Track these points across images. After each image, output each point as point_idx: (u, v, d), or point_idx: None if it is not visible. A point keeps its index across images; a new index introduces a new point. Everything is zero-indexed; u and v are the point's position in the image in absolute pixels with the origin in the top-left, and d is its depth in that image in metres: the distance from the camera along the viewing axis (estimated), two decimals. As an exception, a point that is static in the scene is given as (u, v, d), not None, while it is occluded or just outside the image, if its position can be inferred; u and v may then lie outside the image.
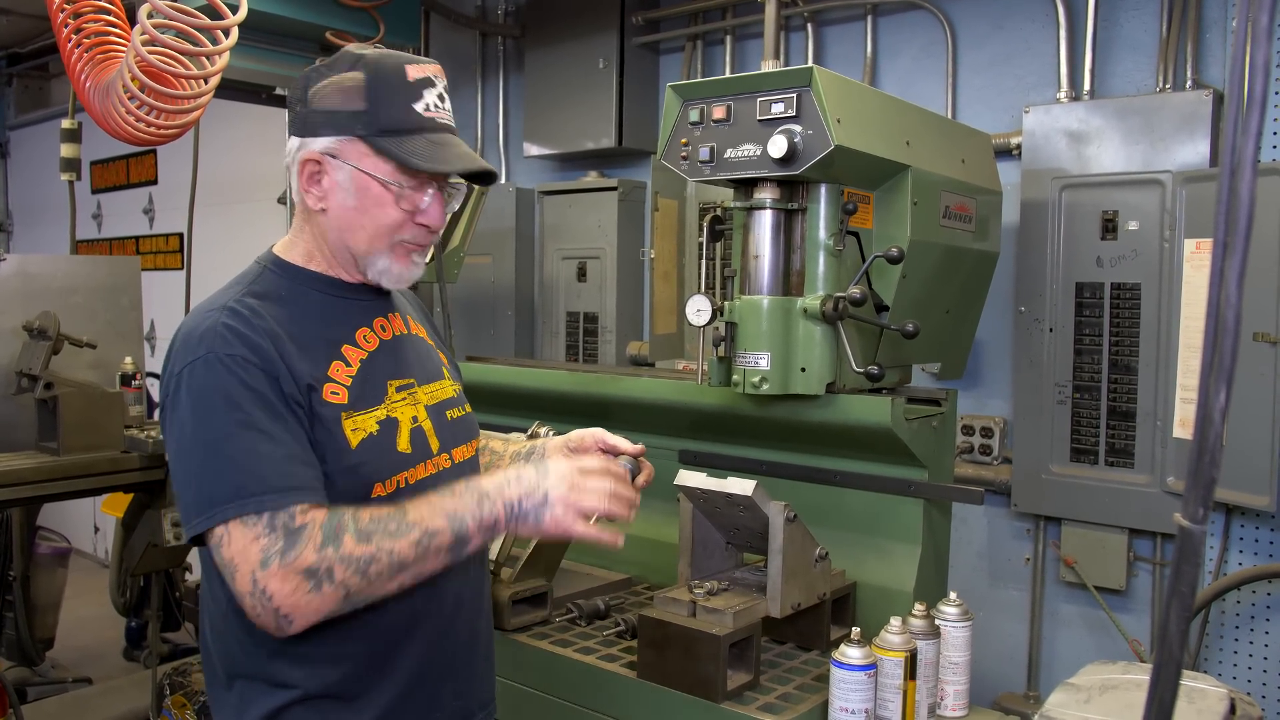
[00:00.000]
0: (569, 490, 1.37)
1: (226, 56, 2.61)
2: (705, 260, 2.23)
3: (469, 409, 1.65)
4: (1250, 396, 2.29)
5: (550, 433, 2.13)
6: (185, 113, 2.67)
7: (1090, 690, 1.60)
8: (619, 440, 1.67)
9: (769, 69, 2.21)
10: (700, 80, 2.12)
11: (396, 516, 1.31)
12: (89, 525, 6.77)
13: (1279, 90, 2.21)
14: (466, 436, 1.60)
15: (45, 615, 4.51)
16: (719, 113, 1.97)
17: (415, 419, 1.49)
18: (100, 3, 2.80)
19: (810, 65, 1.92)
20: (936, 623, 1.78)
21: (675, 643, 1.81)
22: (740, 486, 1.84)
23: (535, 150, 3.94)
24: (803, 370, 2.00)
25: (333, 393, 1.40)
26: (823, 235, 2.00)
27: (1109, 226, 2.65)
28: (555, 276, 3.94)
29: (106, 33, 2.83)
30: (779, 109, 1.89)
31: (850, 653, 1.67)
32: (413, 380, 1.52)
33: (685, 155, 2.03)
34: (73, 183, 4.40)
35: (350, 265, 1.48)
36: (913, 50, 3.15)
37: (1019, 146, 2.84)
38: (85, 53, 2.81)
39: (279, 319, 1.40)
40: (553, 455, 1.71)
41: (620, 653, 2.02)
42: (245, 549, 1.26)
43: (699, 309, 2.02)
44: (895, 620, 1.74)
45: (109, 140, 2.91)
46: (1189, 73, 2.61)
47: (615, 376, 2.58)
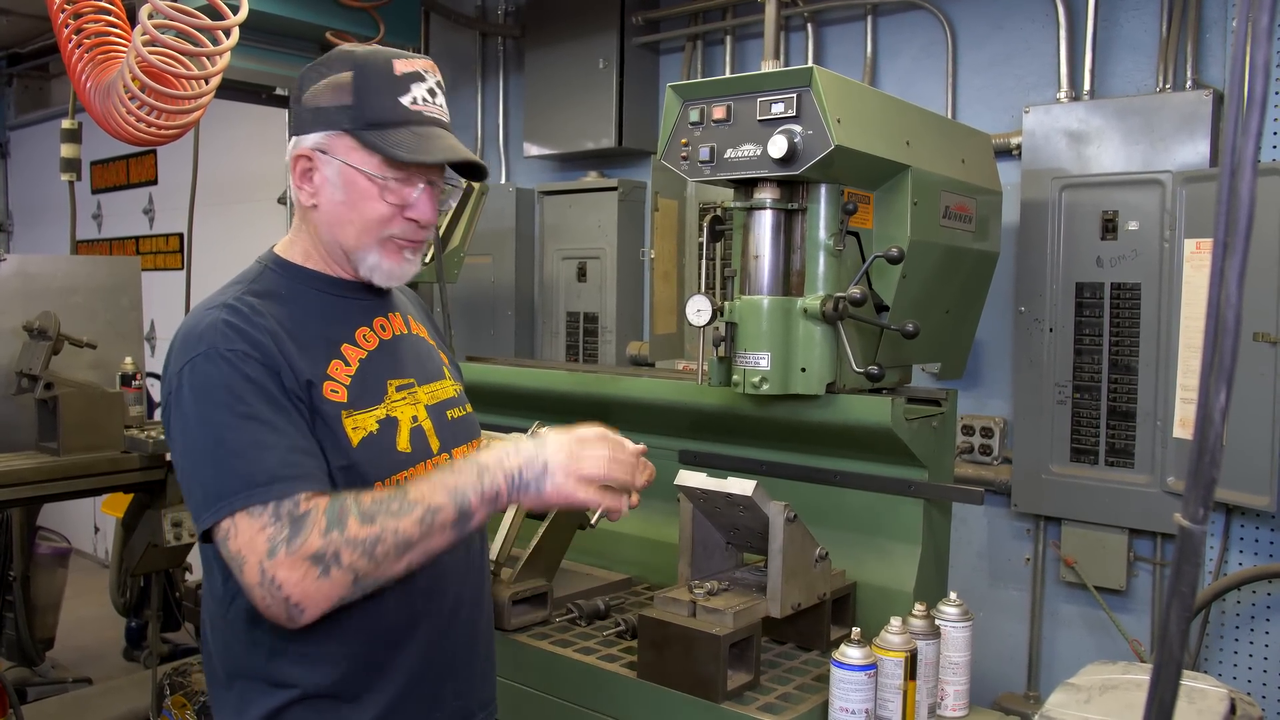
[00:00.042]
0: (568, 458, 1.37)
1: (227, 57, 2.61)
2: (705, 260, 2.23)
3: (470, 409, 1.65)
4: (1250, 396, 2.29)
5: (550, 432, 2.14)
6: (186, 113, 2.67)
7: (1090, 690, 1.60)
8: (621, 440, 1.67)
9: (769, 69, 2.20)
10: (700, 80, 2.12)
11: (398, 496, 1.30)
12: (89, 525, 6.77)
13: (1279, 90, 2.21)
14: (467, 436, 1.60)
15: (45, 615, 4.51)
16: (719, 113, 1.97)
17: (415, 419, 1.49)
18: (101, 3, 2.80)
19: (810, 65, 1.92)
20: (937, 623, 1.78)
21: (675, 643, 1.81)
22: (740, 486, 1.84)
23: (535, 150, 3.94)
24: (803, 370, 2.00)
25: (333, 391, 1.40)
26: (823, 235, 2.00)
27: (1109, 226, 2.65)
28: (555, 276, 3.94)
29: (107, 33, 2.83)
30: (779, 109, 1.89)
31: (850, 653, 1.67)
32: (412, 380, 1.52)
33: (685, 155, 2.03)
34: (73, 183, 4.40)
35: (343, 261, 1.48)
36: (913, 50, 3.15)
37: (1019, 146, 2.84)
38: (86, 53, 2.81)
39: (279, 317, 1.40)
40: None
41: (620, 653, 2.02)
42: (252, 539, 1.25)
43: (699, 309, 2.02)
44: (895, 620, 1.73)
45: (109, 140, 2.91)
46: (1189, 73, 2.61)
47: (615, 377, 2.58)
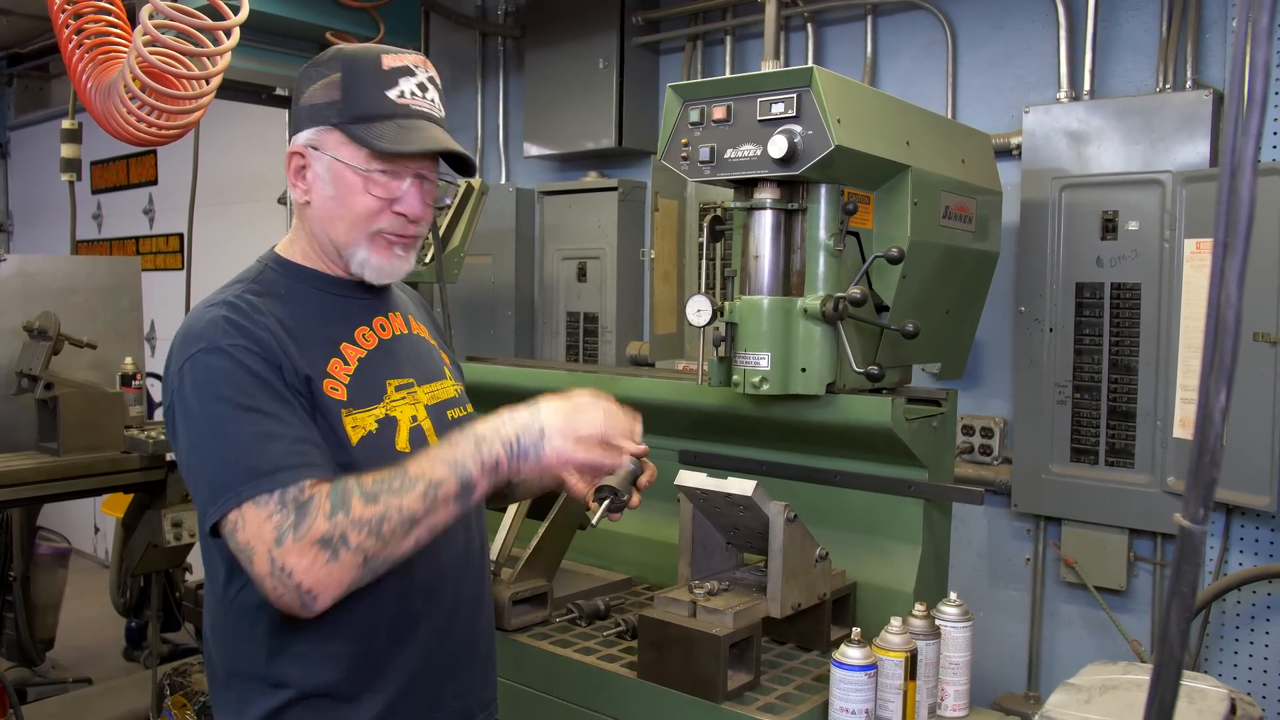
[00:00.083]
0: (564, 420, 1.37)
1: (228, 57, 2.61)
2: (705, 260, 2.23)
3: (471, 409, 1.65)
4: (1250, 397, 2.29)
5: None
6: (187, 113, 2.67)
7: (1091, 690, 1.60)
8: (622, 440, 1.67)
9: (769, 69, 2.20)
10: (700, 80, 2.12)
11: (399, 474, 1.30)
12: (89, 525, 6.77)
13: (1279, 90, 2.21)
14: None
15: (45, 615, 4.51)
16: (719, 113, 1.97)
17: (415, 418, 1.49)
18: (101, 3, 2.81)
19: (810, 65, 1.91)
20: (937, 623, 1.78)
21: (675, 643, 1.81)
22: (740, 487, 1.84)
23: (535, 150, 3.94)
24: (803, 370, 2.00)
25: (332, 389, 1.40)
26: (823, 235, 2.00)
27: (1109, 226, 2.65)
28: (555, 277, 3.94)
29: (107, 33, 2.83)
30: (779, 109, 1.89)
31: (850, 653, 1.67)
32: (412, 380, 1.52)
33: (685, 155, 2.03)
34: (73, 183, 4.40)
35: (336, 259, 1.48)
36: (913, 50, 3.15)
37: (1019, 146, 2.84)
38: (86, 53, 2.81)
39: (279, 316, 1.40)
40: None
41: (620, 653, 2.02)
42: (260, 529, 1.25)
43: (699, 309, 2.02)
44: (895, 620, 1.73)
45: (109, 140, 2.92)
46: (1189, 73, 2.61)
47: (615, 377, 2.58)
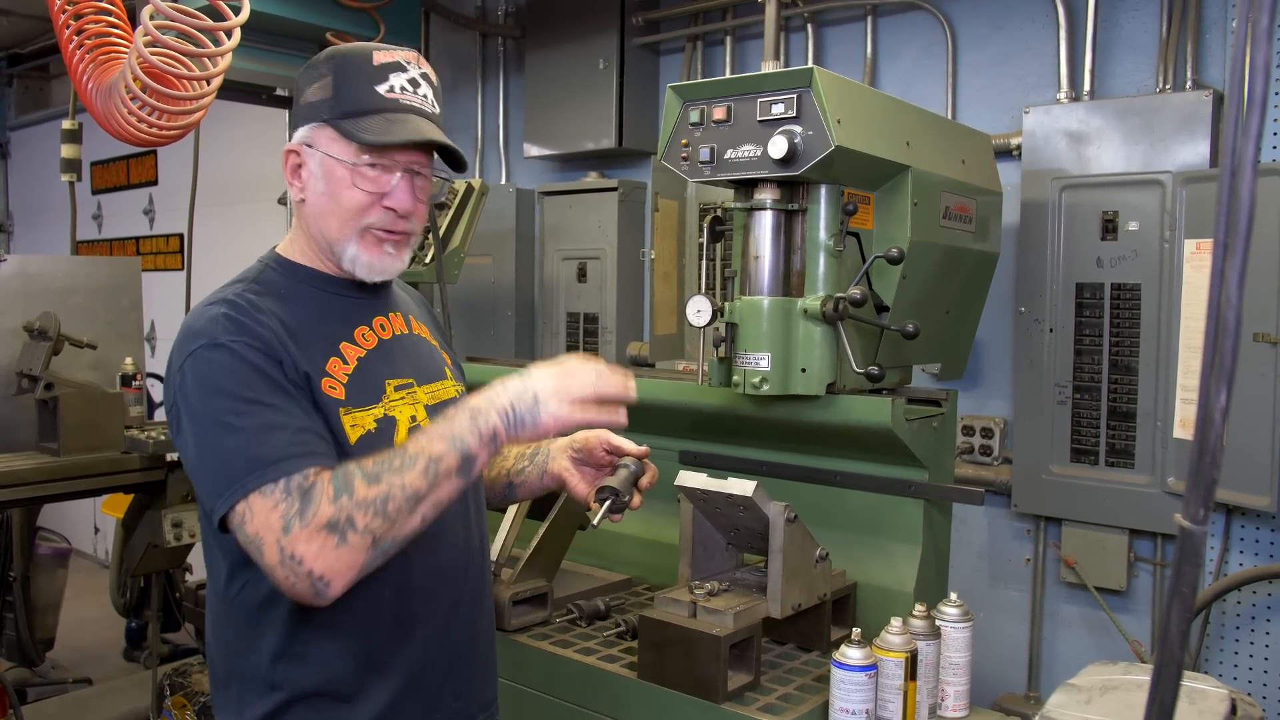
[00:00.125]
0: (556, 383, 1.37)
1: (229, 57, 2.61)
2: (705, 261, 2.23)
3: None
4: (1250, 397, 2.29)
5: (551, 433, 2.13)
6: (188, 113, 2.67)
7: (1091, 691, 1.60)
8: (623, 441, 1.67)
9: (769, 70, 2.20)
10: (700, 81, 2.12)
11: (398, 453, 1.31)
12: (89, 526, 6.77)
13: (1279, 91, 2.21)
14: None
15: (45, 616, 4.51)
16: (719, 113, 1.97)
17: (414, 419, 1.49)
18: (102, 3, 2.81)
19: (810, 66, 1.91)
20: (937, 623, 1.78)
21: (676, 643, 1.81)
22: (741, 487, 1.84)
23: (535, 151, 3.94)
24: (803, 371, 2.00)
25: (330, 387, 1.40)
26: (823, 236, 2.00)
27: (1109, 227, 2.65)
28: (555, 277, 3.94)
29: (108, 34, 2.83)
30: (779, 110, 1.89)
31: (851, 653, 1.67)
32: (411, 380, 1.52)
33: (685, 156, 2.03)
34: (73, 183, 4.40)
35: (329, 256, 1.48)
36: (913, 51, 3.15)
37: (1019, 147, 2.84)
38: (87, 54, 2.81)
39: (278, 314, 1.41)
40: (557, 457, 1.71)
41: (621, 653, 2.02)
42: (267, 518, 1.25)
43: (699, 309, 2.02)
44: (896, 621, 1.73)
45: (109, 141, 2.92)
46: (1189, 73, 2.61)
47: (616, 377, 2.58)
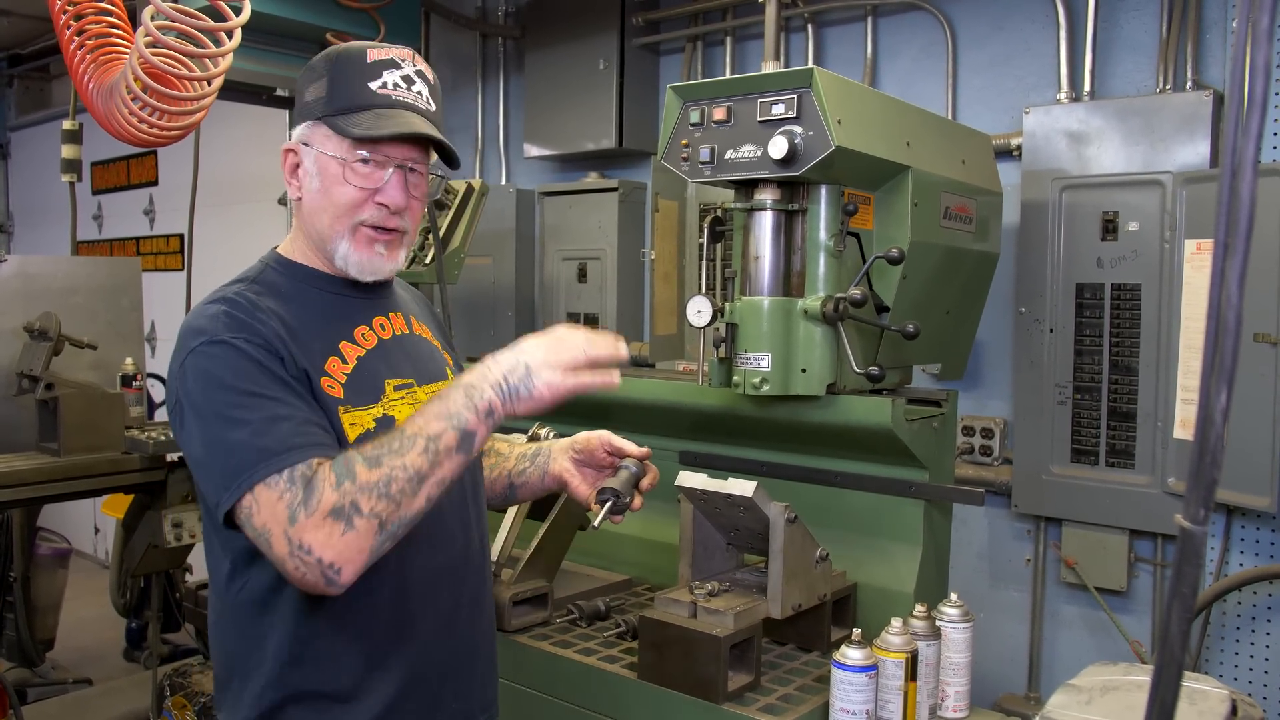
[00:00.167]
0: (547, 353, 1.37)
1: (230, 58, 2.61)
2: (706, 261, 2.24)
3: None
4: (1251, 397, 2.29)
5: (551, 434, 2.14)
6: (189, 114, 2.68)
7: (1091, 691, 1.60)
8: (625, 443, 1.68)
9: (769, 70, 2.20)
10: (701, 81, 2.13)
11: (396, 436, 1.31)
12: (89, 526, 6.77)
13: (1279, 91, 2.21)
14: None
15: (45, 616, 4.51)
16: (719, 114, 1.97)
17: (414, 419, 1.49)
18: (102, 4, 2.81)
19: (810, 66, 1.91)
20: (937, 624, 1.78)
21: (676, 644, 1.81)
22: (741, 487, 1.84)
23: (536, 151, 3.94)
24: (803, 371, 2.00)
25: (330, 386, 1.41)
26: (823, 236, 2.00)
27: (1109, 227, 2.65)
28: (555, 277, 3.94)
29: (109, 34, 2.83)
30: (779, 110, 1.89)
31: (851, 654, 1.67)
32: (411, 380, 1.52)
33: (686, 156, 2.03)
34: (73, 184, 4.40)
35: (324, 254, 1.48)
36: (913, 51, 3.15)
37: (1019, 147, 2.84)
38: (88, 54, 2.81)
39: (278, 313, 1.41)
40: (558, 458, 1.72)
41: (621, 654, 2.02)
42: (273, 509, 1.25)
43: (699, 310, 2.02)
44: (896, 621, 1.73)
45: (110, 141, 2.92)
46: (1189, 73, 2.61)
47: (616, 377, 2.58)
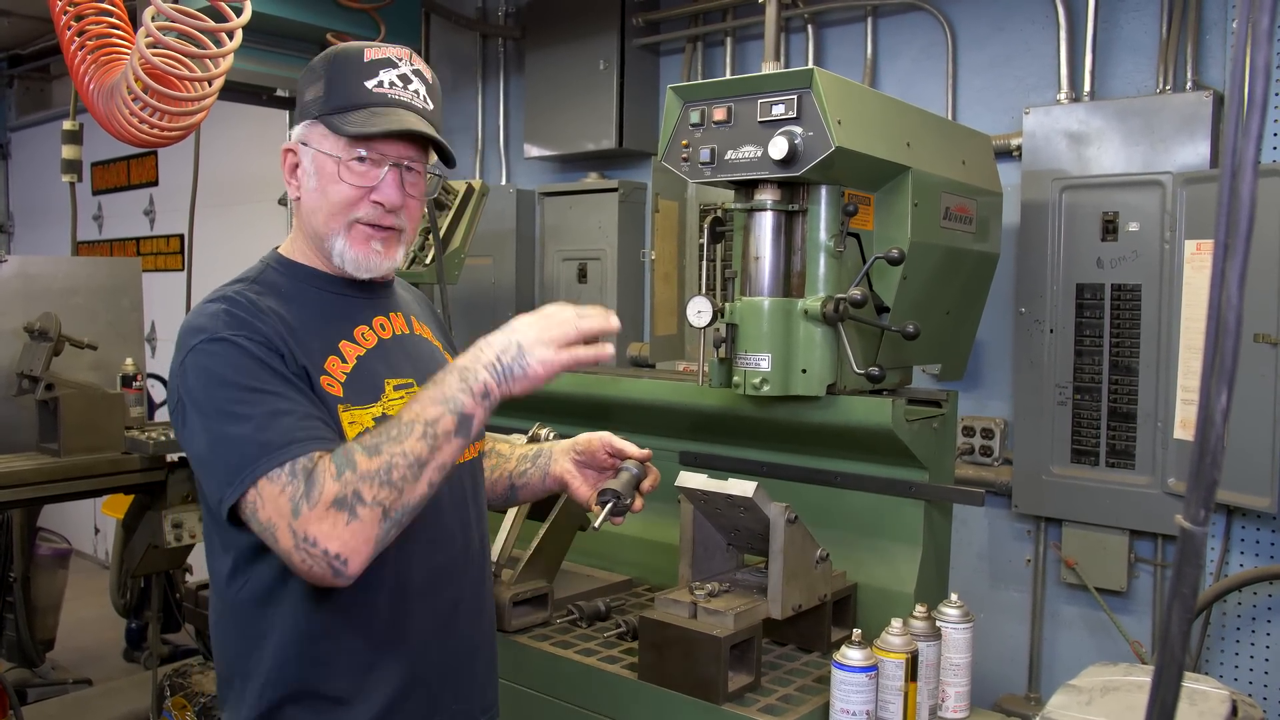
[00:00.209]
0: (538, 331, 1.37)
1: (230, 58, 2.61)
2: (706, 262, 2.24)
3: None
4: (1251, 398, 2.29)
5: (551, 434, 2.14)
6: (189, 114, 2.68)
7: (1091, 692, 1.60)
8: (626, 444, 1.68)
9: (769, 70, 2.21)
10: (701, 82, 2.13)
11: (393, 423, 1.31)
12: (89, 526, 6.77)
13: (1279, 92, 2.21)
14: (471, 438, 1.60)
15: (45, 616, 4.51)
16: (719, 114, 1.97)
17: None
18: (103, 4, 2.81)
19: (811, 67, 1.92)
20: (937, 624, 1.78)
21: (676, 644, 1.81)
22: (741, 488, 1.84)
23: (536, 152, 3.94)
24: (803, 372, 2.00)
25: (329, 385, 1.41)
26: (823, 237, 2.00)
27: (1109, 228, 2.65)
28: (556, 278, 3.94)
29: (109, 35, 2.83)
30: (779, 110, 1.89)
31: (851, 654, 1.67)
32: (412, 380, 1.52)
33: (686, 157, 2.03)
34: (74, 184, 4.40)
35: (322, 252, 1.49)
36: (913, 51, 3.15)
37: (1019, 148, 2.84)
38: (89, 55, 2.81)
39: (279, 313, 1.41)
40: (559, 459, 1.73)
41: (621, 654, 2.02)
42: (277, 502, 1.26)
43: (700, 310, 2.02)
44: (896, 622, 1.73)
45: (110, 141, 2.92)
46: (1189, 74, 2.61)
47: (615, 378, 2.58)
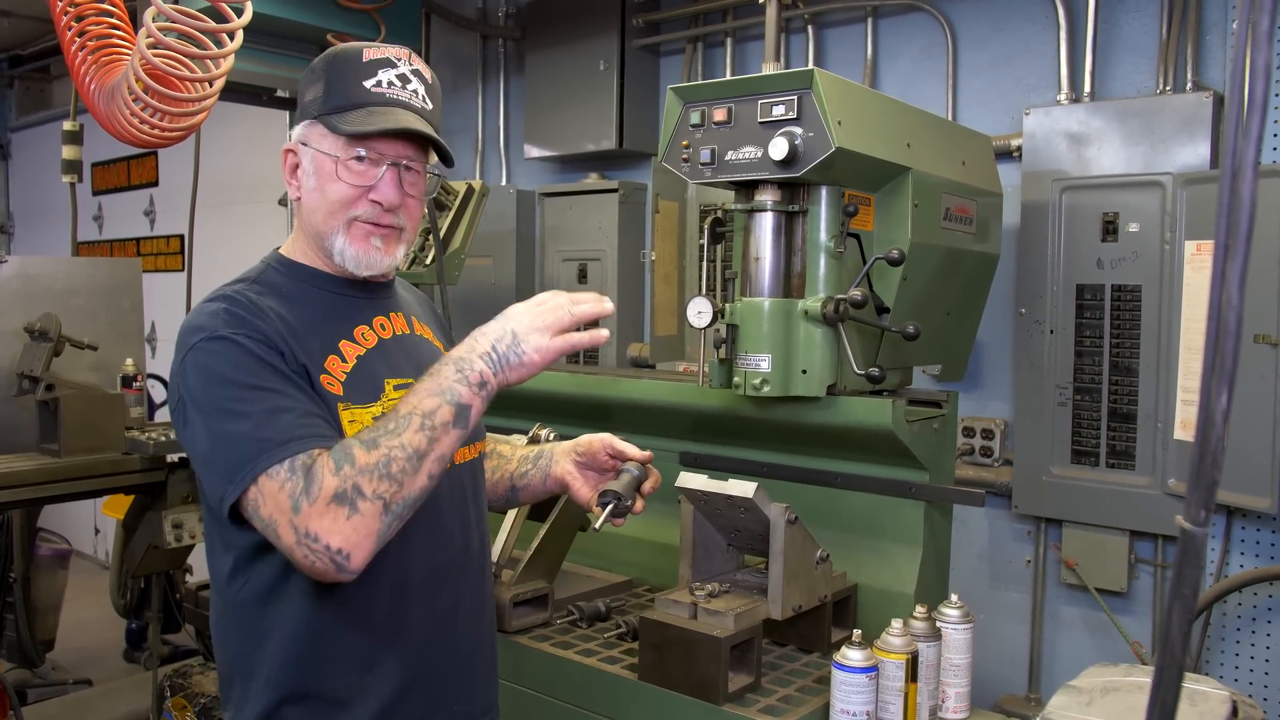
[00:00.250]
0: (532, 318, 1.38)
1: (231, 59, 2.61)
2: (706, 262, 2.24)
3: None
4: (1251, 398, 2.29)
5: (551, 435, 2.14)
6: (190, 115, 2.68)
7: (1092, 693, 1.60)
8: (627, 446, 1.68)
9: (770, 71, 2.20)
10: (701, 83, 2.12)
11: (390, 417, 1.32)
12: (89, 527, 6.77)
13: (1279, 93, 2.21)
14: (471, 438, 1.60)
15: (45, 617, 4.51)
16: (720, 115, 1.98)
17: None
18: (103, 5, 2.81)
19: (811, 67, 1.92)
20: (938, 625, 1.78)
21: (676, 645, 1.81)
22: (741, 488, 1.84)
23: (536, 152, 3.94)
24: (804, 372, 2.00)
25: (329, 384, 1.41)
26: (823, 237, 2.00)
27: (1109, 228, 2.65)
28: (556, 278, 3.94)
29: (110, 35, 2.83)
30: (780, 111, 1.89)
31: (851, 655, 1.67)
32: (411, 380, 1.52)
33: (686, 157, 2.03)
34: (74, 185, 4.40)
35: (323, 251, 1.49)
36: (913, 52, 3.15)
37: (1019, 148, 2.85)
38: (89, 55, 2.81)
39: (279, 312, 1.41)
40: (560, 460, 1.73)
41: (621, 655, 2.02)
42: (277, 499, 1.26)
43: (700, 311, 2.02)
44: (896, 622, 1.73)
45: (110, 142, 2.92)
46: (1189, 74, 2.61)
47: (616, 378, 2.58)
